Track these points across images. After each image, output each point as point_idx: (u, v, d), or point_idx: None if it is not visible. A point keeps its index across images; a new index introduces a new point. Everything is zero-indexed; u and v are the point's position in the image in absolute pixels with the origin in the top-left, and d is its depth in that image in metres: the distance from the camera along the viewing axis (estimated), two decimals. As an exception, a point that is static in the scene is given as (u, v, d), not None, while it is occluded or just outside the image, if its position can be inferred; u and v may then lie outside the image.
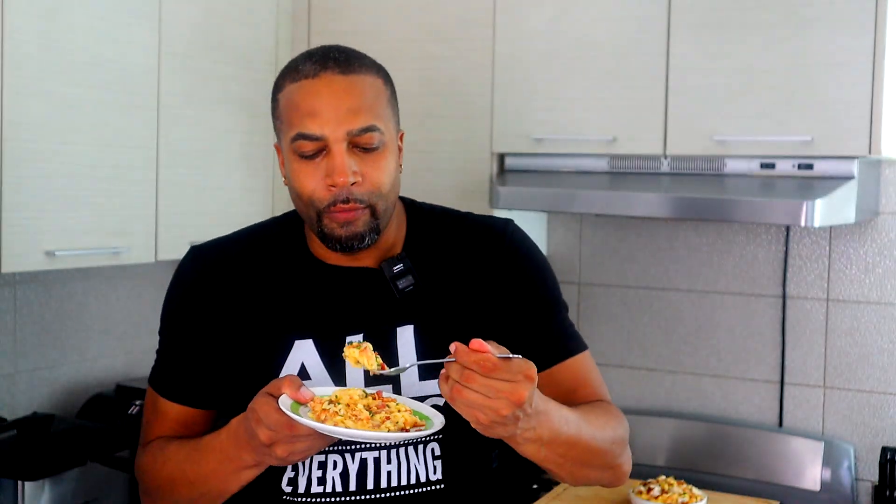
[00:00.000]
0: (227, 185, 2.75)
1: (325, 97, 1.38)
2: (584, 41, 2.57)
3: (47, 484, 2.21)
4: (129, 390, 2.72)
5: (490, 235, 1.52)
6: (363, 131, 1.38)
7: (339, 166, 1.37)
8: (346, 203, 1.38)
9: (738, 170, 2.44)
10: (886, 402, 2.64)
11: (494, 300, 1.49)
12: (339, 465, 1.43)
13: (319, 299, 1.46)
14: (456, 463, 1.47)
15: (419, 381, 1.44)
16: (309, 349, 1.44)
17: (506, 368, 1.19)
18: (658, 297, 2.89)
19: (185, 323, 1.51)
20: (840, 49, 2.29)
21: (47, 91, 2.20)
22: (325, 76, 1.39)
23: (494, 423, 1.21)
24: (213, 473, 1.40)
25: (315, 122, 1.37)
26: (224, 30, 2.70)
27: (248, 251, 1.51)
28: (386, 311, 1.45)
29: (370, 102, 1.40)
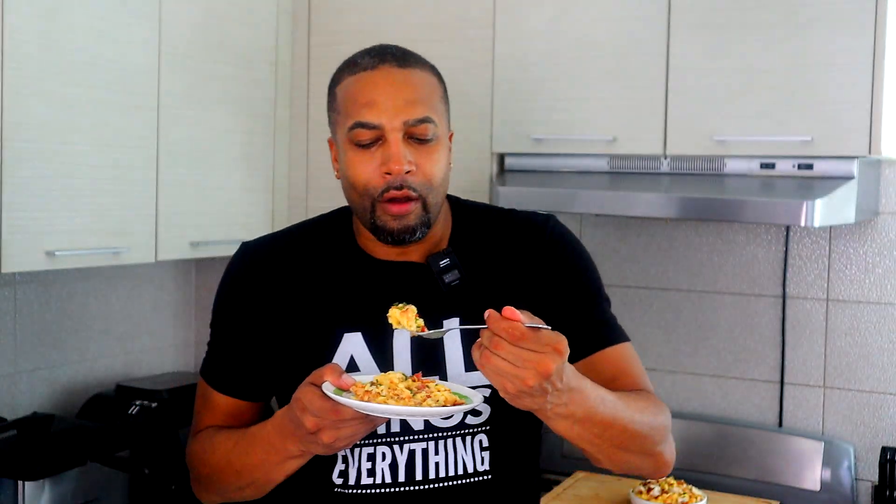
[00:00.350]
0: (227, 185, 2.75)
1: (382, 88, 1.42)
2: (584, 41, 2.57)
3: (47, 484, 2.21)
4: (129, 390, 2.72)
5: (532, 230, 1.56)
6: (419, 122, 1.42)
7: (395, 154, 1.41)
8: (400, 189, 1.41)
9: (738, 170, 2.44)
10: (886, 402, 2.64)
11: (537, 292, 1.51)
12: (387, 456, 1.46)
13: (368, 293, 1.50)
14: (503, 454, 1.50)
15: (465, 371, 1.47)
16: (357, 342, 1.48)
17: (534, 338, 1.21)
18: (658, 297, 2.89)
19: (235, 317, 1.54)
20: (840, 49, 2.29)
21: (47, 91, 2.20)
22: (384, 68, 1.44)
23: (521, 392, 1.22)
24: (259, 463, 1.44)
25: (373, 111, 1.41)
26: (224, 30, 2.70)
27: (297, 246, 1.55)
28: (432, 304, 1.47)
29: (426, 95, 1.45)
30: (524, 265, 1.53)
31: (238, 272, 1.55)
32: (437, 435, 1.47)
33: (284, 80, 2.91)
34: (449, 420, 1.47)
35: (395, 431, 1.47)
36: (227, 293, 1.56)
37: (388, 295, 1.48)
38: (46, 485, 2.21)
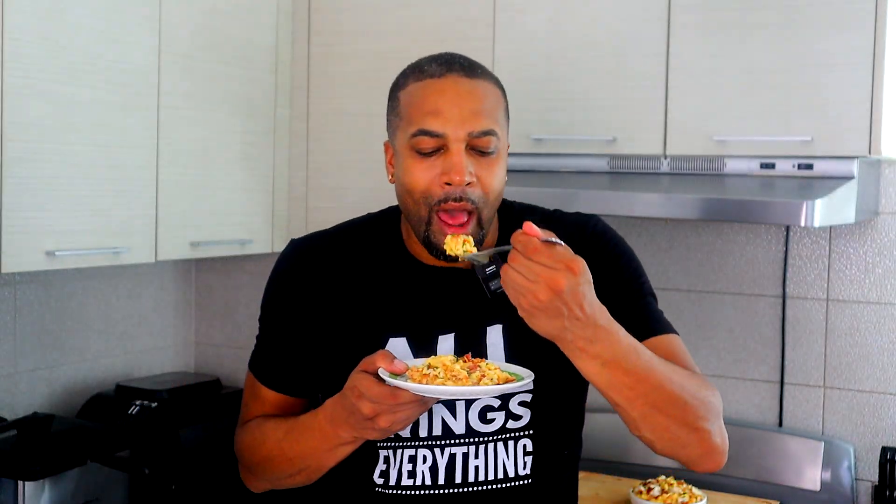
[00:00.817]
0: (227, 185, 2.75)
1: (449, 96, 1.42)
2: (584, 41, 2.56)
3: (47, 484, 2.21)
4: (129, 390, 2.72)
5: (576, 230, 1.57)
6: (483, 134, 1.42)
7: (457, 165, 1.40)
8: (459, 201, 1.41)
9: (738, 170, 2.44)
10: (886, 402, 2.64)
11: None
12: (428, 459, 1.48)
13: (413, 298, 1.50)
14: (546, 459, 1.51)
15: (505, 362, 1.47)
16: (402, 347, 1.49)
17: (548, 253, 1.22)
18: (658, 297, 2.88)
19: (282, 314, 1.56)
20: (840, 49, 2.29)
21: (47, 91, 2.20)
22: (451, 77, 1.44)
23: (534, 308, 1.23)
24: (311, 450, 1.46)
25: (438, 119, 1.41)
26: (224, 30, 2.70)
27: (345, 246, 1.56)
28: (477, 310, 1.49)
29: (491, 108, 1.45)
30: None
31: (287, 269, 1.56)
32: (479, 439, 1.48)
33: (284, 80, 2.92)
34: (491, 424, 1.48)
35: (437, 435, 1.48)
36: (275, 289, 1.57)
37: (433, 300, 1.50)
38: (46, 485, 2.21)
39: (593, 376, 1.31)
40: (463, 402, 1.48)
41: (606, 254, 1.55)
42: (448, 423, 1.48)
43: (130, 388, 2.73)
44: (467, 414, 1.48)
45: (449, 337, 1.49)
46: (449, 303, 1.50)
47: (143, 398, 2.66)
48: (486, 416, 1.48)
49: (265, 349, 1.59)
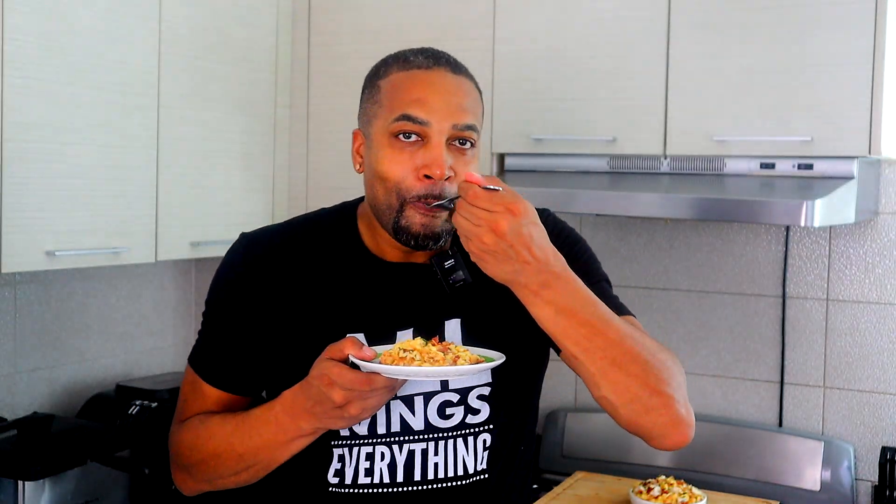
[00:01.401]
0: (227, 185, 2.75)
1: (437, 87, 1.42)
2: (584, 41, 2.57)
3: (47, 484, 2.21)
4: (129, 390, 2.72)
5: None
6: (466, 127, 1.41)
7: (437, 158, 1.39)
8: (438, 198, 1.39)
9: (738, 170, 2.44)
10: (886, 402, 2.63)
11: None
12: (386, 456, 1.46)
13: (371, 294, 1.48)
14: (501, 454, 1.50)
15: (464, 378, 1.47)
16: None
17: (488, 198, 1.26)
18: (658, 297, 2.89)
19: (232, 310, 1.51)
20: (840, 49, 2.29)
21: (47, 91, 2.20)
22: (438, 70, 1.44)
23: (482, 252, 1.27)
24: (264, 444, 1.42)
25: (424, 107, 1.40)
26: (224, 30, 2.70)
27: (299, 242, 1.52)
28: (435, 305, 1.48)
29: (473, 105, 1.45)
30: None
31: (238, 264, 1.52)
32: (438, 435, 1.47)
33: (284, 80, 2.92)
34: (450, 420, 1.47)
35: (396, 431, 1.46)
36: (224, 284, 1.52)
37: (391, 296, 1.48)
38: (46, 485, 2.21)
39: (548, 323, 1.32)
40: (421, 398, 1.46)
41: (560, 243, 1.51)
42: (406, 420, 1.46)
43: (130, 388, 2.73)
44: (426, 409, 1.46)
45: (407, 332, 1.47)
46: (407, 298, 1.48)
47: (143, 398, 2.66)
48: (445, 411, 1.47)
49: (209, 345, 1.53)
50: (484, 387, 1.47)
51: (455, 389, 1.46)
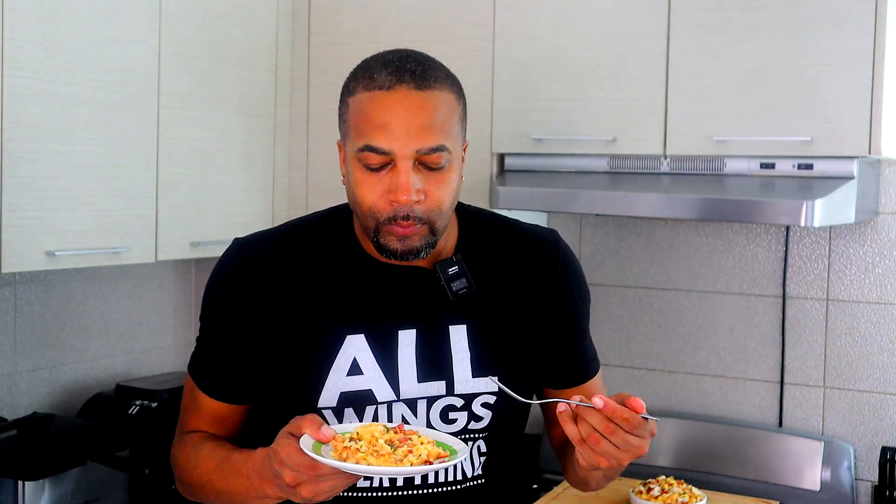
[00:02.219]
0: (227, 185, 2.75)
1: (397, 111, 1.36)
2: (584, 41, 2.56)
3: (47, 484, 2.21)
4: (129, 390, 2.72)
5: (542, 246, 1.57)
6: (432, 151, 1.37)
7: (403, 184, 1.36)
8: (406, 220, 1.37)
9: (738, 170, 2.44)
10: (886, 402, 2.63)
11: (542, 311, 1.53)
12: None
13: (371, 294, 1.47)
14: (498, 459, 1.51)
15: (472, 377, 1.46)
16: (361, 344, 1.45)
17: (643, 427, 1.28)
18: (658, 297, 2.89)
19: (226, 318, 1.49)
20: (840, 49, 2.29)
21: (47, 91, 2.20)
22: (401, 90, 1.37)
23: (612, 468, 1.32)
24: (238, 494, 1.42)
25: (384, 136, 1.36)
26: (224, 30, 2.70)
27: (294, 245, 1.50)
28: (439, 308, 1.47)
29: (442, 121, 1.39)
30: (532, 280, 1.53)
31: (231, 270, 1.50)
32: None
33: (284, 80, 2.91)
34: (453, 425, 1.46)
35: None
36: (218, 292, 1.51)
37: (392, 296, 1.47)
38: (46, 485, 2.21)
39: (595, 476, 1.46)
40: (425, 401, 1.45)
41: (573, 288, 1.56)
42: (408, 422, 1.45)
43: (130, 388, 2.73)
44: (429, 413, 1.46)
45: (411, 333, 1.46)
46: (409, 298, 1.47)
47: (143, 398, 2.66)
48: (448, 415, 1.46)
49: (207, 355, 1.52)
50: (489, 395, 1.47)
51: (460, 395, 1.46)
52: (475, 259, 1.50)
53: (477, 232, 1.54)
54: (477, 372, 1.46)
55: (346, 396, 1.43)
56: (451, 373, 1.46)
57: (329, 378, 1.43)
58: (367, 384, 1.43)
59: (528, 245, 1.56)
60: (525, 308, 1.51)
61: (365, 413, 1.44)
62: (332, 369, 1.43)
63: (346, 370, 1.43)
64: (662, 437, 2.80)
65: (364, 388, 1.43)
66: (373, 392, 1.44)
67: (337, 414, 1.44)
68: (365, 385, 1.43)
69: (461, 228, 1.54)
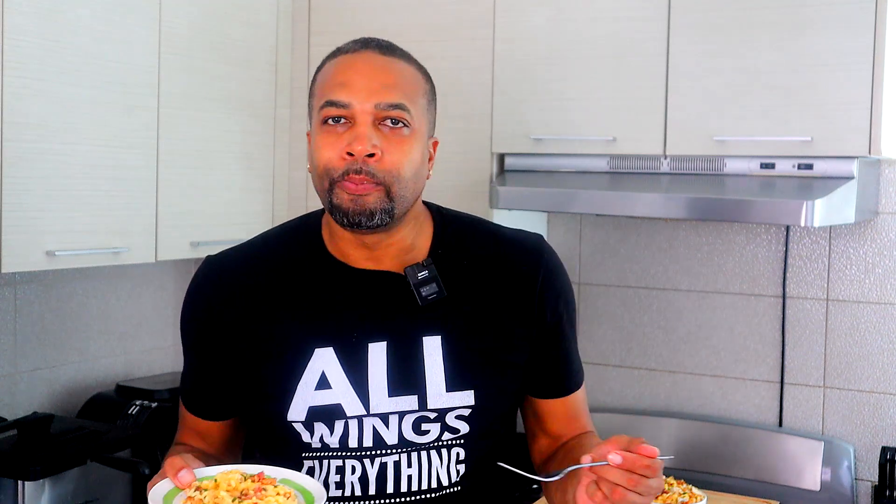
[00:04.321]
0: (227, 185, 2.75)
1: (360, 69, 1.38)
2: (584, 41, 2.56)
3: (47, 484, 2.21)
4: (129, 390, 2.72)
5: (525, 251, 1.50)
6: (391, 106, 1.36)
7: (360, 135, 1.34)
8: (359, 174, 1.34)
9: (738, 170, 2.44)
10: (886, 402, 2.63)
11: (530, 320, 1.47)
12: (357, 469, 1.41)
13: (340, 304, 1.42)
14: (476, 467, 1.46)
15: (446, 391, 1.41)
16: (329, 358, 1.40)
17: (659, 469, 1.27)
18: (658, 297, 2.89)
19: (199, 337, 1.49)
20: (840, 49, 2.29)
21: (47, 91, 2.20)
22: (365, 53, 1.40)
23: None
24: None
25: (345, 90, 1.37)
26: (224, 30, 2.70)
27: (264, 257, 1.48)
28: (410, 318, 1.42)
29: (404, 84, 1.39)
30: (512, 288, 1.46)
31: (201, 288, 1.49)
32: (411, 448, 1.42)
33: (284, 80, 2.91)
34: (426, 436, 1.42)
35: (368, 446, 1.41)
36: (191, 312, 1.50)
37: (361, 307, 1.42)
38: (46, 485, 2.21)
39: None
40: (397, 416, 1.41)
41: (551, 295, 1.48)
42: (380, 433, 1.41)
43: (130, 388, 2.73)
44: (401, 425, 1.41)
45: (381, 345, 1.41)
46: (380, 308, 1.41)
47: (143, 398, 2.66)
48: (421, 427, 1.42)
49: (185, 372, 1.53)
50: (464, 408, 1.42)
51: (432, 409, 1.41)
52: (450, 265, 1.45)
53: (453, 237, 1.49)
54: (451, 386, 1.41)
55: (315, 411, 1.40)
56: (424, 387, 1.40)
57: (297, 392, 1.40)
58: (335, 398, 1.39)
59: (509, 251, 1.49)
60: (504, 317, 1.45)
61: (335, 427, 1.40)
62: (301, 384, 1.40)
63: (314, 384, 1.40)
64: (662, 437, 2.80)
65: (333, 402, 1.39)
66: (342, 406, 1.40)
67: (307, 427, 1.41)
68: (334, 399, 1.39)
69: (436, 232, 1.48)
